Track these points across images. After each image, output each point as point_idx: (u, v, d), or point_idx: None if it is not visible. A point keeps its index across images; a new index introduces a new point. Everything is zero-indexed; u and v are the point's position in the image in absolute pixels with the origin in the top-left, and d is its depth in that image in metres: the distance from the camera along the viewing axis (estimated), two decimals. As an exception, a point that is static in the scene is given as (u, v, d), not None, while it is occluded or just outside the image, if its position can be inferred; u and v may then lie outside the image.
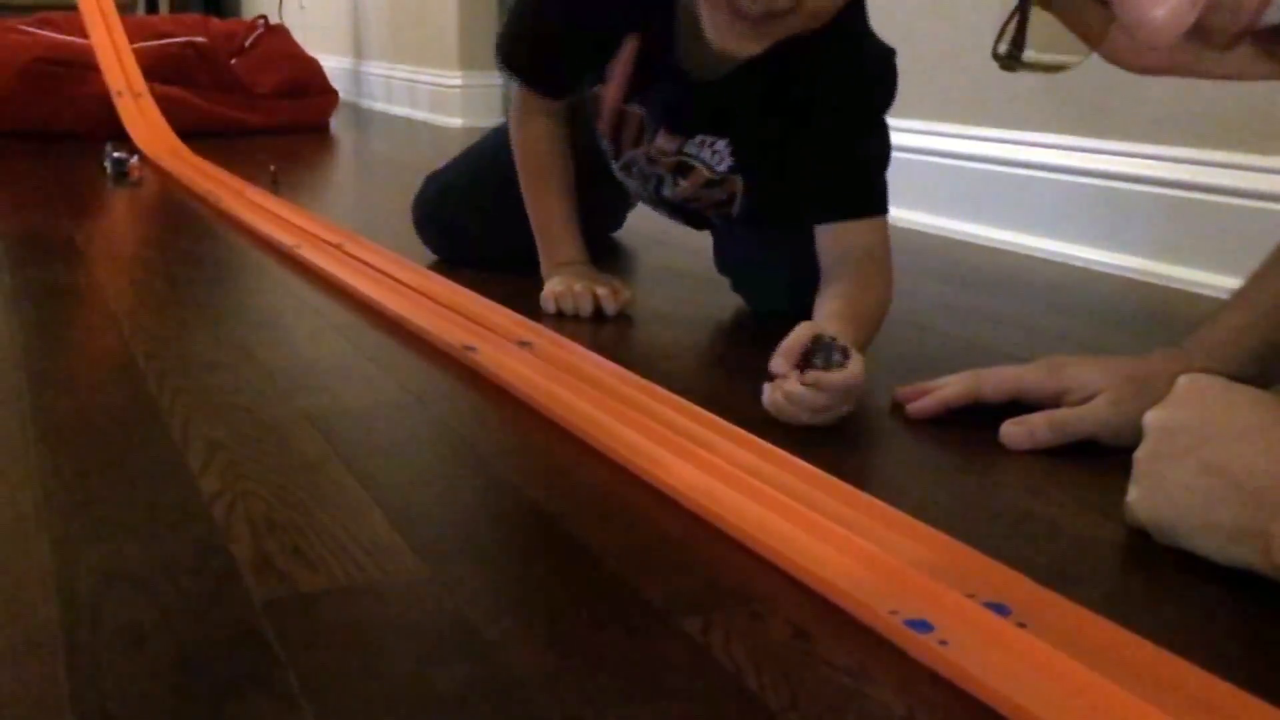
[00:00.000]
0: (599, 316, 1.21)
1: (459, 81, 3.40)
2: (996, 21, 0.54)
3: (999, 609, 0.59)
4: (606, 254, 1.54)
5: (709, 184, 1.22)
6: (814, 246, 1.12)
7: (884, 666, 0.56)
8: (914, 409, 0.92)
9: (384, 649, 0.57)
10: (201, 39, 3.16)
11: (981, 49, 0.57)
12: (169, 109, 2.78)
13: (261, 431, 0.88)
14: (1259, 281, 0.87)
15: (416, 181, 1.52)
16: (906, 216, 1.79)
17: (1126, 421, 0.80)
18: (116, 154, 2.18)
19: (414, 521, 0.72)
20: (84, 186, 2.15)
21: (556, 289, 1.23)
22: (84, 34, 2.95)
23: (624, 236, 1.63)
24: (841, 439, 0.89)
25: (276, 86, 3.19)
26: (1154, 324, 1.27)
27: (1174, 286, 1.40)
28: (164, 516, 0.72)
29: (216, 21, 3.51)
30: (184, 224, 1.82)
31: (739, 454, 0.81)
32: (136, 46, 2.95)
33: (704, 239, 1.38)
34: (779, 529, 0.69)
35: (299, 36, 3.59)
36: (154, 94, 2.82)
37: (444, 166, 1.52)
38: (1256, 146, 1.34)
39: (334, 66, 3.85)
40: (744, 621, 0.60)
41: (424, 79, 3.63)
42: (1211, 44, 0.49)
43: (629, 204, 1.52)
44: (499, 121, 1.41)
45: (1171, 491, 0.66)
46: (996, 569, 0.64)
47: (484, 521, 0.76)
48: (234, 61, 3.22)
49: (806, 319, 0.96)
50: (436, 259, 1.48)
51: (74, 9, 3.03)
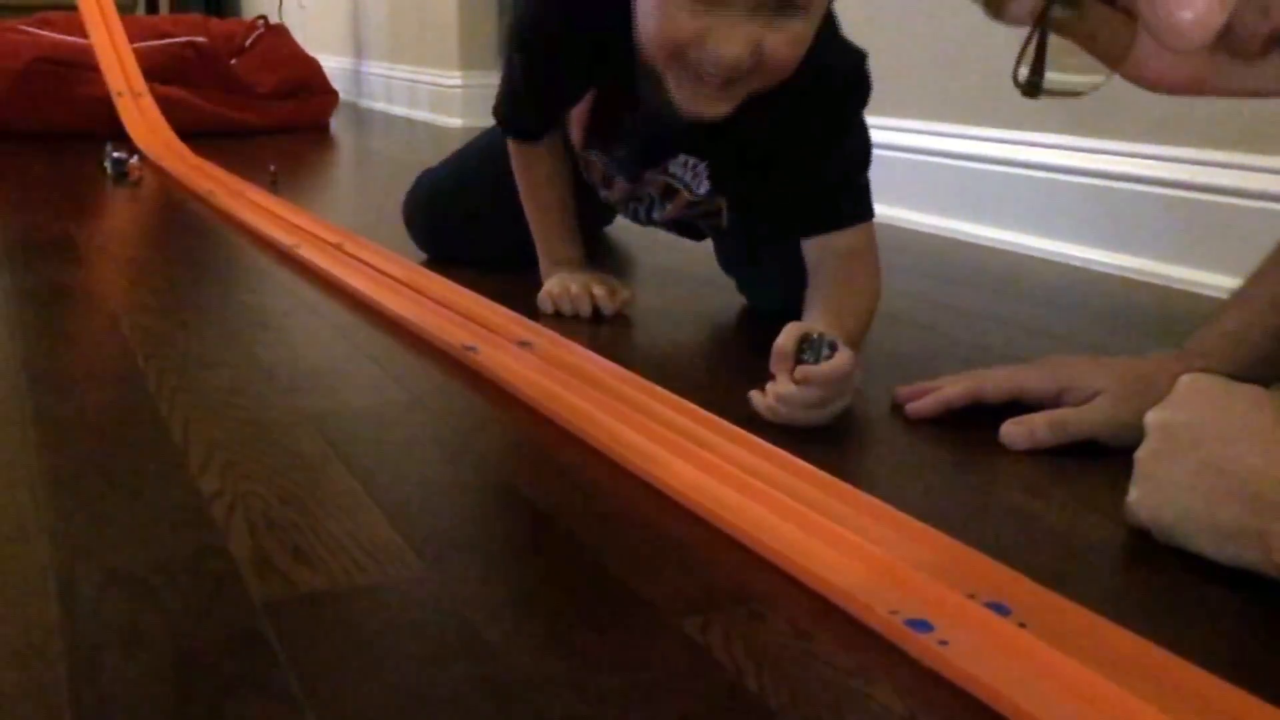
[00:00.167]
0: (598, 317, 1.21)
1: (459, 81, 3.40)
2: (1015, 46, 0.53)
3: (999, 609, 0.59)
4: (606, 253, 1.55)
5: (691, 205, 1.22)
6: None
7: (884, 666, 0.56)
8: (914, 409, 0.92)
9: (384, 649, 0.57)
10: (201, 39, 3.16)
11: (981, 49, 0.57)
12: (169, 109, 2.78)
13: (261, 431, 0.88)
14: (1258, 281, 0.87)
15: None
16: (906, 216, 1.79)
17: (1127, 422, 0.80)
18: (116, 154, 2.18)
19: (414, 521, 0.72)
20: (84, 186, 2.15)
21: (554, 290, 1.23)
22: (84, 34, 2.95)
23: (624, 236, 1.63)
24: (841, 439, 0.89)
25: (276, 86, 3.19)
26: (1154, 324, 1.27)
27: (1174, 286, 1.40)
28: (164, 516, 0.72)
29: (216, 21, 3.51)
30: (184, 224, 1.82)
31: (739, 454, 0.81)
32: (136, 46, 2.95)
33: (704, 241, 1.38)
34: (779, 529, 0.69)
35: (299, 36, 3.59)
36: (154, 94, 2.82)
37: (435, 166, 1.52)
38: (1256, 146, 1.34)
39: (334, 66, 3.85)
40: (744, 621, 0.60)
41: (424, 79, 3.63)
42: (1240, 53, 0.48)
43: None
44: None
45: (1172, 491, 0.66)
46: (996, 569, 0.64)
47: (484, 521, 0.76)
48: (234, 61, 3.22)
49: (799, 319, 0.96)
50: (433, 259, 1.48)
51: (74, 9, 3.03)
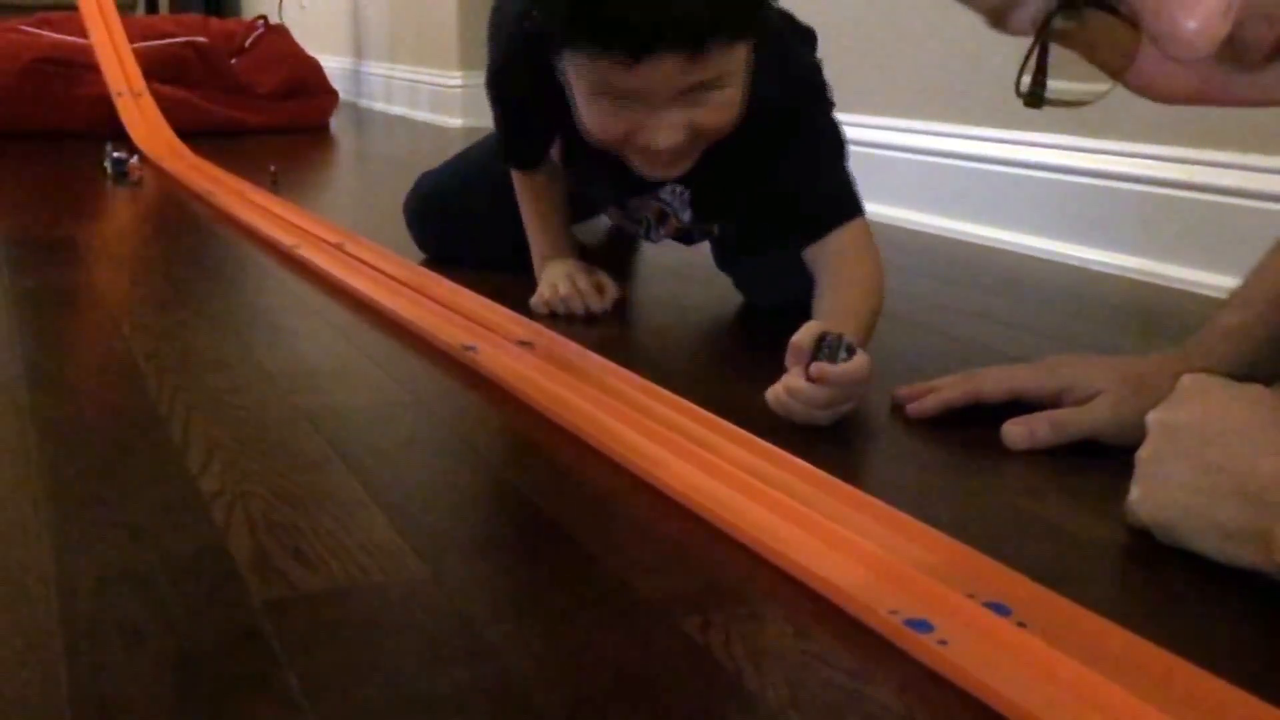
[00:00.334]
0: (593, 315, 1.21)
1: (459, 81, 3.40)
2: (1016, 46, 0.53)
3: (999, 609, 0.59)
4: (606, 253, 1.54)
5: (681, 229, 1.26)
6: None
7: (884, 666, 0.56)
8: (914, 409, 0.92)
9: (384, 649, 0.57)
10: (201, 39, 3.16)
11: (981, 49, 0.57)
12: (169, 109, 2.78)
13: (261, 431, 0.88)
14: (1258, 280, 0.87)
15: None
16: (906, 216, 1.79)
17: (1127, 421, 0.80)
18: (116, 154, 2.18)
19: (414, 521, 0.72)
20: (84, 186, 2.15)
21: (545, 293, 1.23)
22: (84, 34, 2.95)
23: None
24: (841, 439, 0.89)
25: (276, 86, 3.19)
26: (1154, 324, 1.27)
27: (1174, 286, 1.40)
28: (164, 516, 0.72)
29: (216, 21, 3.51)
30: (184, 224, 1.82)
31: (739, 454, 0.81)
32: (136, 46, 2.95)
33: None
34: (779, 529, 0.69)
35: (299, 36, 3.59)
36: (154, 94, 2.82)
37: (437, 167, 1.53)
38: (1256, 146, 1.34)
39: (334, 66, 3.85)
40: (744, 621, 0.60)
41: (424, 79, 3.63)
42: (1244, 62, 0.48)
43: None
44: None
45: (1173, 491, 0.66)
46: (996, 569, 0.64)
47: (484, 522, 0.76)
48: (234, 61, 3.22)
49: (806, 316, 0.96)
50: (436, 259, 1.48)
51: (74, 9, 3.03)
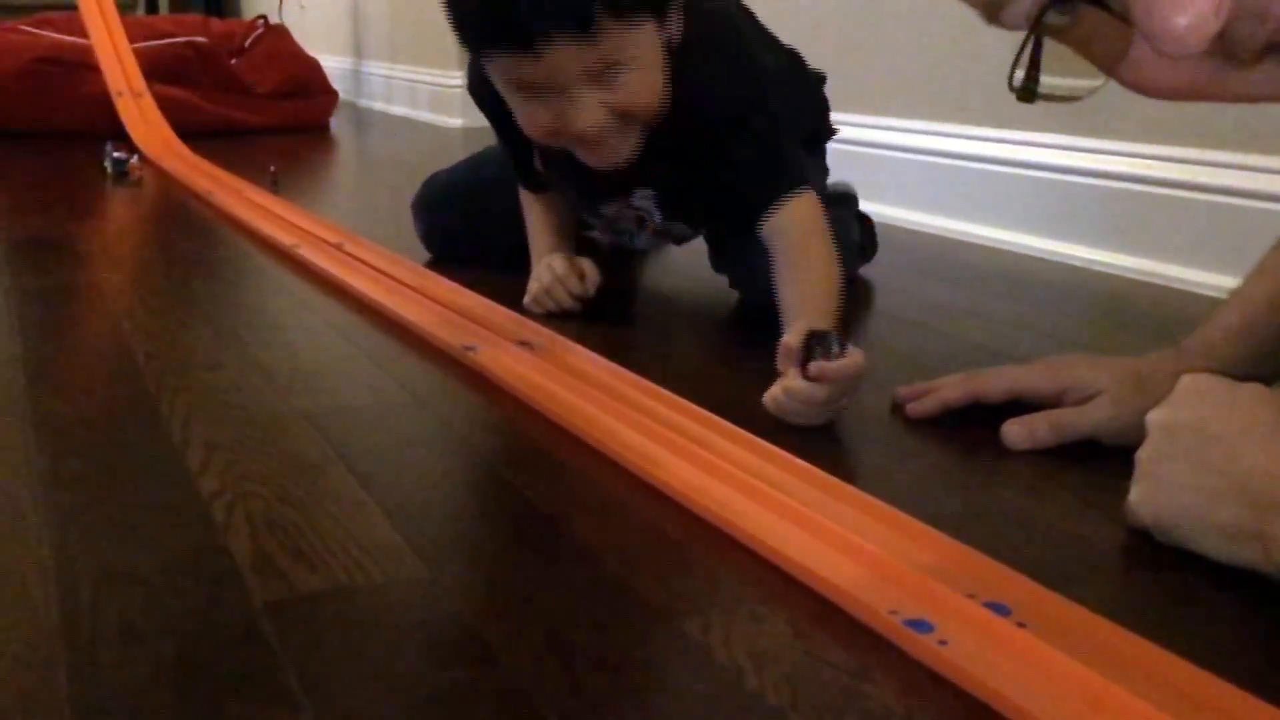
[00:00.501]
0: (589, 314, 1.22)
1: (459, 81, 3.39)
2: (1014, 46, 0.53)
3: (999, 609, 0.59)
4: (607, 254, 1.54)
5: (659, 232, 1.28)
6: None
7: (884, 666, 0.56)
8: (914, 409, 0.92)
9: (384, 649, 0.57)
10: (201, 39, 3.16)
11: (980, 49, 0.58)
12: (169, 109, 2.78)
13: (261, 431, 0.88)
14: (1257, 279, 0.87)
15: (416, 181, 1.53)
16: (906, 216, 1.79)
17: (1127, 422, 0.80)
18: (116, 154, 2.18)
19: (414, 521, 0.72)
20: (84, 186, 2.15)
21: (533, 289, 1.24)
22: (84, 34, 2.95)
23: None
24: (842, 439, 0.89)
25: (276, 86, 3.19)
26: (1154, 324, 1.27)
27: (1174, 286, 1.39)
28: (164, 516, 0.72)
29: (216, 21, 3.51)
30: (184, 224, 1.82)
31: (739, 454, 0.81)
32: (136, 46, 2.95)
33: (701, 240, 1.38)
34: (779, 529, 0.69)
35: (299, 36, 3.59)
36: (154, 94, 2.82)
37: (450, 166, 1.53)
38: (1256, 146, 1.34)
39: (334, 66, 3.85)
40: (744, 621, 0.60)
41: (424, 79, 3.63)
42: (1237, 58, 0.48)
43: None
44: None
45: (1173, 491, 0.66)
46: (996, 569, 0.64)
47: (484, 522, 0.76)
48: (234, 61, 3.22)
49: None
50: (436, 259, 1.48)
51: (74, 9, 3.03)
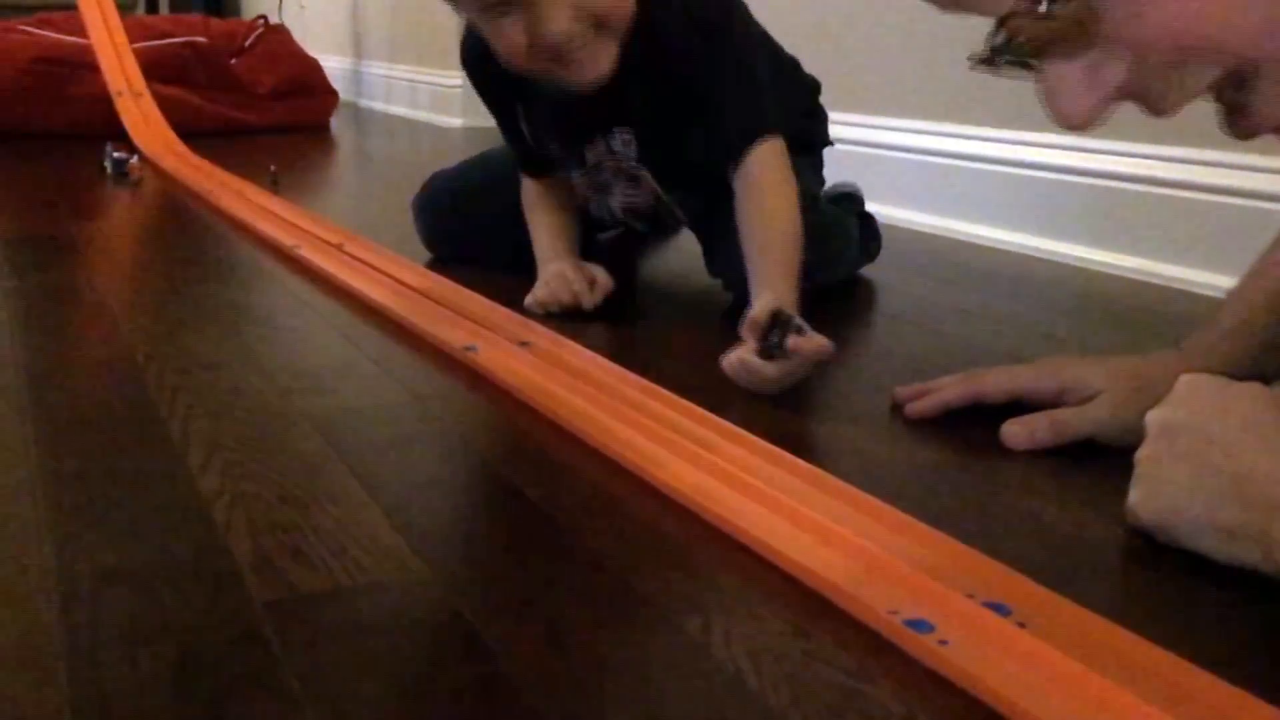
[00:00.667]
0: (589, 314, 1.22)
1: (459, 81, 3.39)
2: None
3: (999, 609, 0.59)
4: (604, 254, 1.54)
5: (631, 178, 1.28)
6: None
7: (884, 666, 0.56)
8: (913, 409, 0.92)
9: (384, 649, 0.57)
10: (201, 39, 3.16)
11: (979, 49, 0.58)
12: (169, 109, 2.78)
13: (261, 431, 0.88)
14: (1255, 278, 0.87)
15: (416, 181, 1.53)
16: (906, 216, 1.79)
17: (1126, 422, 0.80)
18: (116, 154, 2.18)
19: (414, 521, 0.72)
20: (84, 186, 2.14)
21: (538, 293, 1.23)
22: (84, 34, 2.95)
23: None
24: (842, 439, 0.89)
25: (276, 86, 3.19)
26: (1154, 324, 1.27)
27: (1174, 286, 1.40)
28: (164, 516, 0.72)
29: (216, 21, 3.51)
30: (184, 224, 1.82)
31: (739, 454, 0.81)
32: (136, 46, 2.95)
33: (698, 243, 1.38)
34: (778, 528, 0.69)
35: (299, 36, 3.59)
36: (154, 94, 2.82)
37: (450, 167, 1.53)
38: (1256, 146, 1.34)
39: (334, 66, 3.85)
40: (744, 621, 0.60)
41: (424, 79, 3.63)
42: (1161, 112, 0.51)
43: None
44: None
45: (1172, 492, 0.66)
46: (996, 569, 0.64)
47: (484, 521, 0.76)
48: (234, 61, 3.21)
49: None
50: (437, 259, 1.48)
51: (74, 9, 3.03)
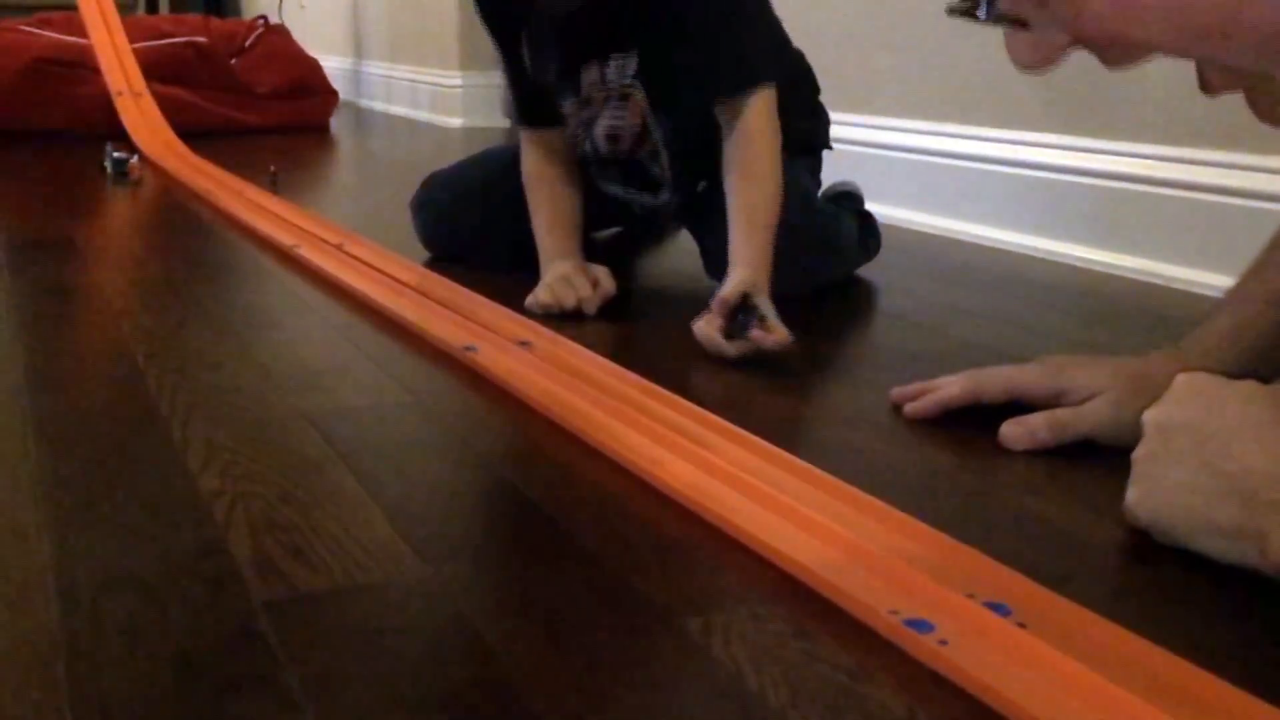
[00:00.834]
0: (581, 312, 1.22)
1: (459, 81, 3.40)
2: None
3: (999, 609, 0.59)
4: (603, 254, 1.54)
5: (621, 98, 1.28)
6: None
7: (884, 666, 0.56)
8: (912, 409, 0.92)
9: (384, 649, 0.57)
10: (202, 39, 3.16)
11: (979, 49, 0.58)
12: (169, 109, 2.78)
13: (261, 431, 0.88)
14: (1254, 277, 0.87)
15: (416, 181, 1.53)
16: (906, 216, 1.79)
17: (1125, 422, 0.80)
18: (116, 154, 2.18)
19: (414, 521, 0.72)
20: (84, 186, 2.14)
21: (540, 294, 1.23)
22: (84, 34, 2.95)
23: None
24: (842, 439, 0.89)
25: (276, 86, 3.19)
26: (1154, 324, 1.27)
27: (1174, 286, 1.40)
28: (164, 516, 0.72)
29: (216, 21, 3.51)
30: (184, 224, 1.82)
31: (739, 454, 0.81)
32: (136, 46, 2.95)
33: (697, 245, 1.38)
34: (779, 529, 0.69)
35: (299, 36, 3.59)
36: (154, 94, 2.82)
37: (448, 167, 1.53)
38: (1256, 146, 1.34)
39: (334, 66, 3.85)
40: (744, 621, 0.60)
41: (424, 79, 3.63)
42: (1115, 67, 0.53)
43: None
44: (499, 122, 1.44)
45: (1170, 491, 0.66)
46: (996, 569, 0.64)
47: (484, 522, 0.76)
48: (234, 61, 3.22)
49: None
50: (436, 259, 1.48)
51: (74, 9, 3.03)
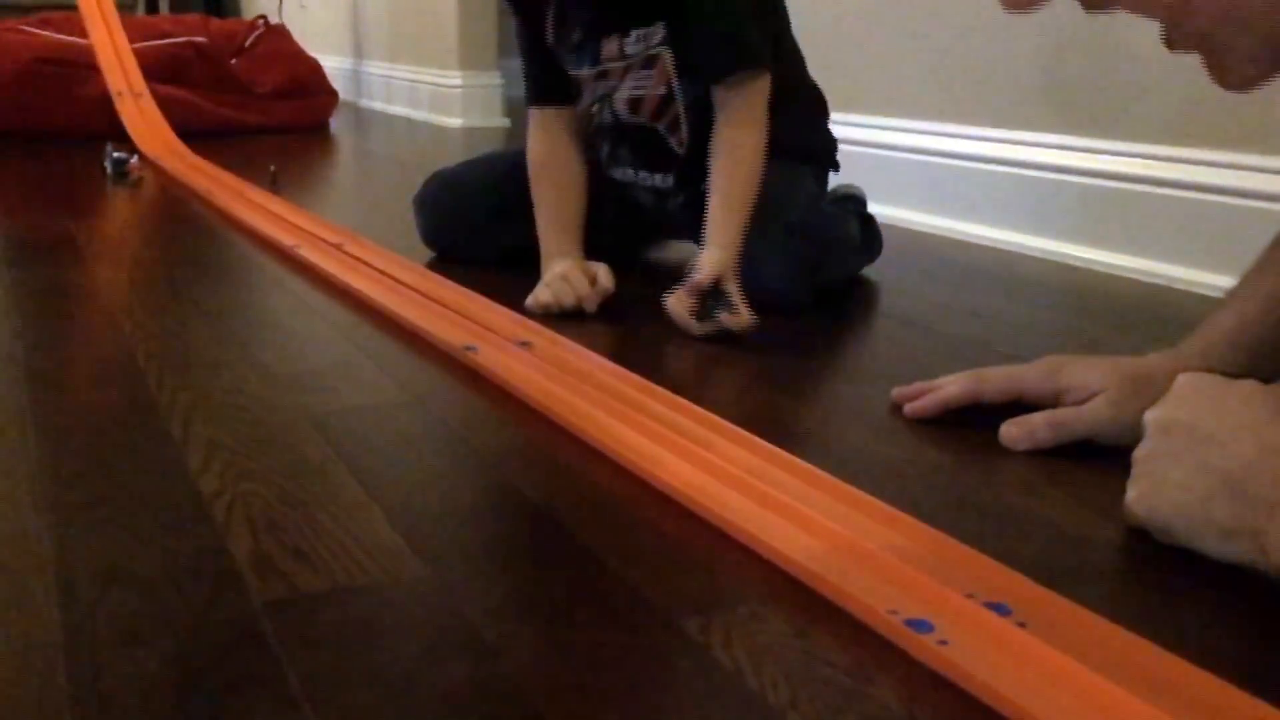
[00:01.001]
0: (581, 310, 1.22)
1: (459, 81, 3.40)
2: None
3: (999, 609, 0.59)
4: (603, 254, 1.54)
5: (647, 63, 1.29)
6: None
7: (884, 666, 0.56)
8: (913, 409, 0.92)
9: (384, 649, 0.57)
10: (202, 39, 3.16)
11: (980, 49, 0.58)
12: (169, 109, 2.78)
13: (261, 431, 0.88)
14: (1254, 277, 0.87)
15: (416, 181, 1.53)
16: (906, 216, 1.79)
17: (1125, 422, 0.80)
18: (116, 154, 2.18)
19: (414, 521, 0.72)
20: (84, 186, 2.15)
21: (539, 294, 1.23)
22: (84, 34, 2.95)
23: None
24: (842, 439, 0.89)
25: (276, 86, 3.19)
26: (1154, 324, 1.27)
27: (1174, 286, 1.40)
28: (164, 516, 0.72)
29: (216, 21, 3.51)
30: (184, 224, 1.82)
31: (739, 454, 0.81)
32: (136, 46, 2.95)
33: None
34: (779, 529, 0.69)
35: (299, 36, 3.59)
36: (154, 94, 2.82)
37: (452, 165, 1.54)
38: (1256, 146, 1.34)
39: (334, 66, 3.85)
40: (744, 621, 0.60)
41: (424, 79, 3.63)
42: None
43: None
44: (499, 122, 1.44)
45: (1170, 491, 0.66)
46: (996, 569, 0.64)
47: (484, 522, 0.76)
48: (234, 61, 3.22)
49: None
50: (436, 258, 1.48)
51: (74, 9, 3.03)
